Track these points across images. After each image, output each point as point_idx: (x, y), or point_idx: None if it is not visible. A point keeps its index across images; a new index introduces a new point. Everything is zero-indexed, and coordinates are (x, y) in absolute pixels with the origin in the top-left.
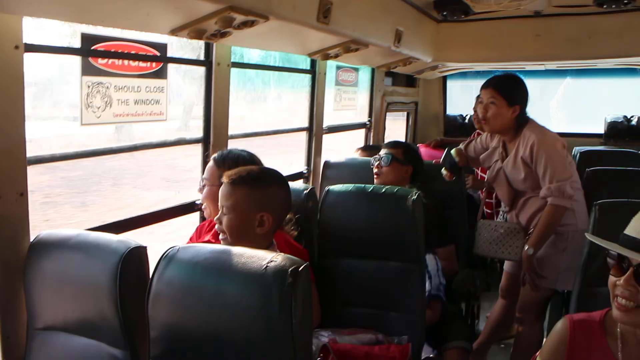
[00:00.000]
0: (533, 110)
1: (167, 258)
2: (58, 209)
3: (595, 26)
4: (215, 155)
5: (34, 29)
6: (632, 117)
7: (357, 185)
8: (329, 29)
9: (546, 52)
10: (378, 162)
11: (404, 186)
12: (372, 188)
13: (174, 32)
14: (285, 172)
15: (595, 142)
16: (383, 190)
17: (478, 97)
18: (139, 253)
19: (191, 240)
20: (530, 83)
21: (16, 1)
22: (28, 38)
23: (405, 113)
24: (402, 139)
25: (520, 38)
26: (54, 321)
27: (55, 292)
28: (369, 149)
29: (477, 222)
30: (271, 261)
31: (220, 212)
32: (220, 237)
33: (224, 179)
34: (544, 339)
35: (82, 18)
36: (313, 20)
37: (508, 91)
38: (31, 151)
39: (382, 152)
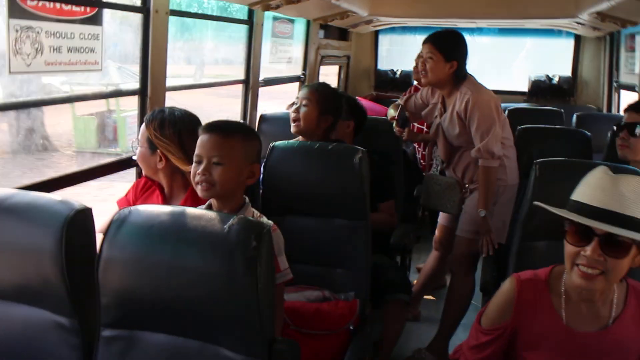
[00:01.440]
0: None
1: (119, 221)
2: None
3: None
4: (147, 114)
5: None
6: (553, 76)
7: (302, 141)
8: None
9: (478, 10)
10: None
11: (348, 141)
12: (318, 145)
13: None
14: None
15: (520, 99)
16: (329, 147)
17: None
18: (84, 215)
19: (127, 196)
20: None
21: None
22: None
23: (337, 66)
24: None
25: None
26: None
27: None
28: None
29: (425, 175)
30: (233, 224)
31: (205, 164)
32: (203, 187)
33: (206, 130)
34: (476, 290)
35: None
36: None
37: (445, 47)
38: None
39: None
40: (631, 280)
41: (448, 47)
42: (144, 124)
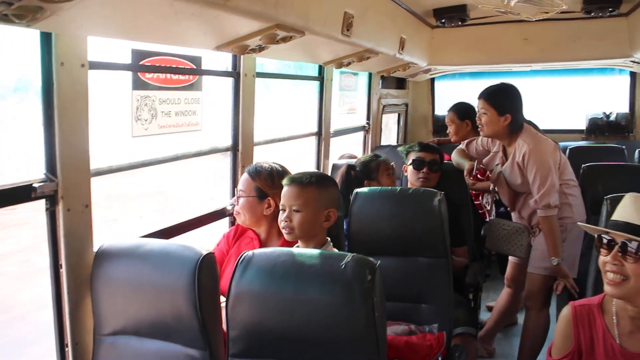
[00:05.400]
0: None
1: (244, 263)
2: None
3: (579, 31)
4: (249, 168)
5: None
6: (610, 113)
7: (383, 187)
8: (350, 41)
9: (533, 55)
10: (426, 167)
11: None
12: (399, 189)
13: (219, 48)
14: None
15: (577, 137)
16: (410, 191)
17: None
18: (210, 258)
19: (218, 245)
20: (516, 82)
21: (82, 22)
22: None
23: (396, 114)
24: (394, 140)
25: (509, 42)
26: (123, 326)
27: (125, 299)
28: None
29: (489, 220)
30: (348, 261)
31: (287, 212)
32: (286, 231)
33: (287, 182)
34: (552, 327)
35: (140, 37)
36: (338, 34)
37: (497, 102)
38: None
39: (427, 157)
40: None
41: (500, 102)
42: (247, 177)
